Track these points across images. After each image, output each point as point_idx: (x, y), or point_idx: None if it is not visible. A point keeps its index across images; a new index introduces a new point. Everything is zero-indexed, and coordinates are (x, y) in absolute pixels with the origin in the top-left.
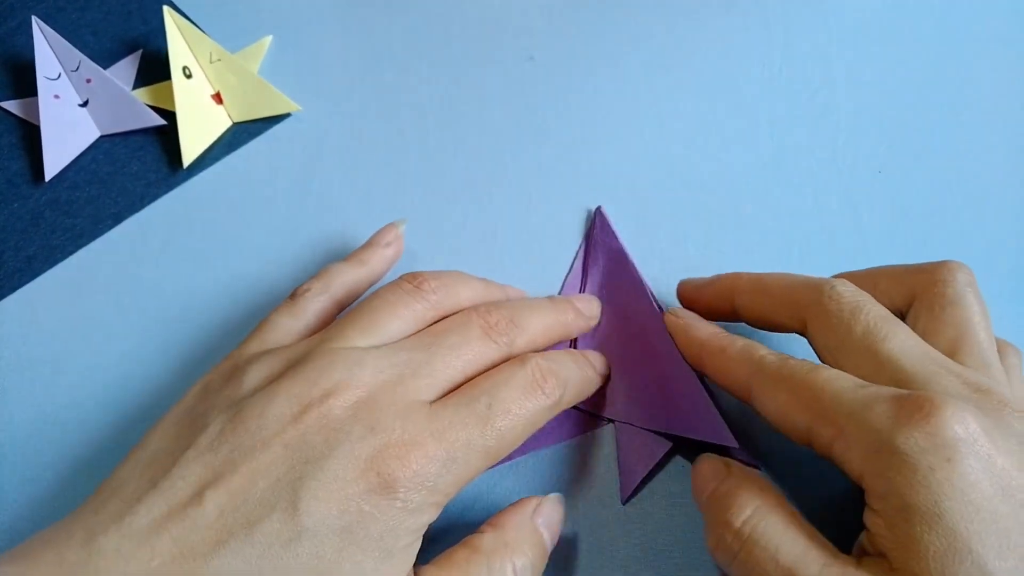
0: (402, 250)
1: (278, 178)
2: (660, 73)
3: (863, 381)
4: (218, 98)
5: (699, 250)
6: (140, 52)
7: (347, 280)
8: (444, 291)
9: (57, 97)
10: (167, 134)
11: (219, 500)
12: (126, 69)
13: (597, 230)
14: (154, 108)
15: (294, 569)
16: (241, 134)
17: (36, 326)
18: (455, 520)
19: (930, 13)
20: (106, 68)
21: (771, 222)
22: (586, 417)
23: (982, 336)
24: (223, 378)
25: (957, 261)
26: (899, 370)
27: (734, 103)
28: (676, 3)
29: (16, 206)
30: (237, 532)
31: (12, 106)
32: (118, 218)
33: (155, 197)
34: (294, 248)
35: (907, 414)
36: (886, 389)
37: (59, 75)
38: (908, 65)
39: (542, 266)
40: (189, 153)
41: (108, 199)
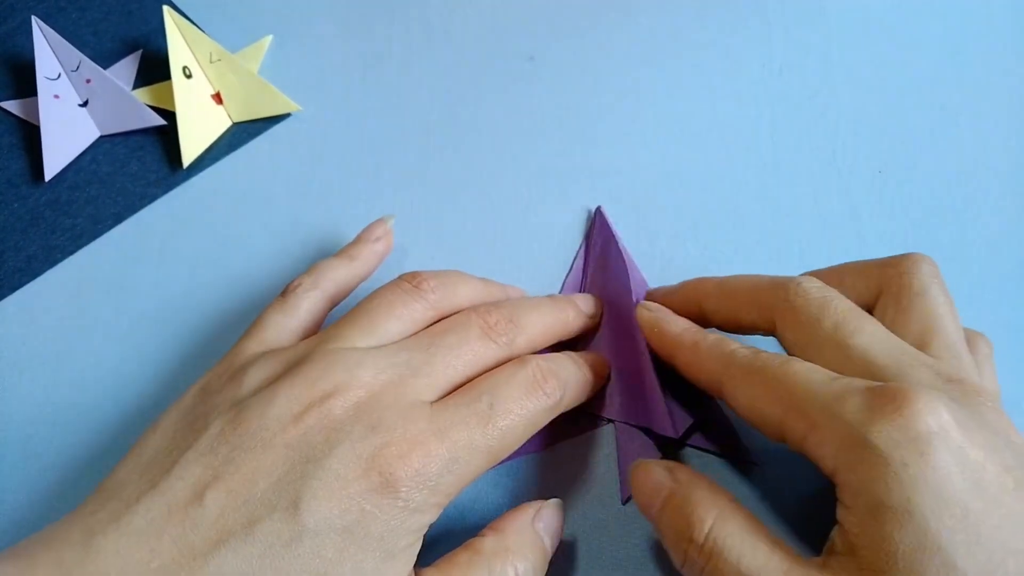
0: (392, 245)
1: (278, 178)
2: (660, 73)
3: (835, 373)
4: (218, 98)
5: (699, 250)
6: (140, 52)
7: (337, 276)
8: (443, 291)
9: (57, 97)
10: (167, 134)
11: (219, 500)
12: (126, 69)
13: (597, 230)
14: (154, 108)
15: (295, 569)
16: (241, 134)
17: (36, 326)
18: (455, 523)
19: (930, 13)
20: (106, 68)
21: (771, 222)
22: (586, 417)
23: (950, 327)
24: (222, 379)
25: (920, 253)
26: (871, 363)
27: (734, 103)
28: (676, 3)
29: (16, 206)
30: (237, 532)
31: (12, 106)
32: (118, 218)
33: (155, 197)
34: (294, 248)
35: (880, 406)
36: (859, 381)
37: (59, 75)
38: (908, 65)
39: (542, 266)
40: (189, 153)
41: (108, 199)
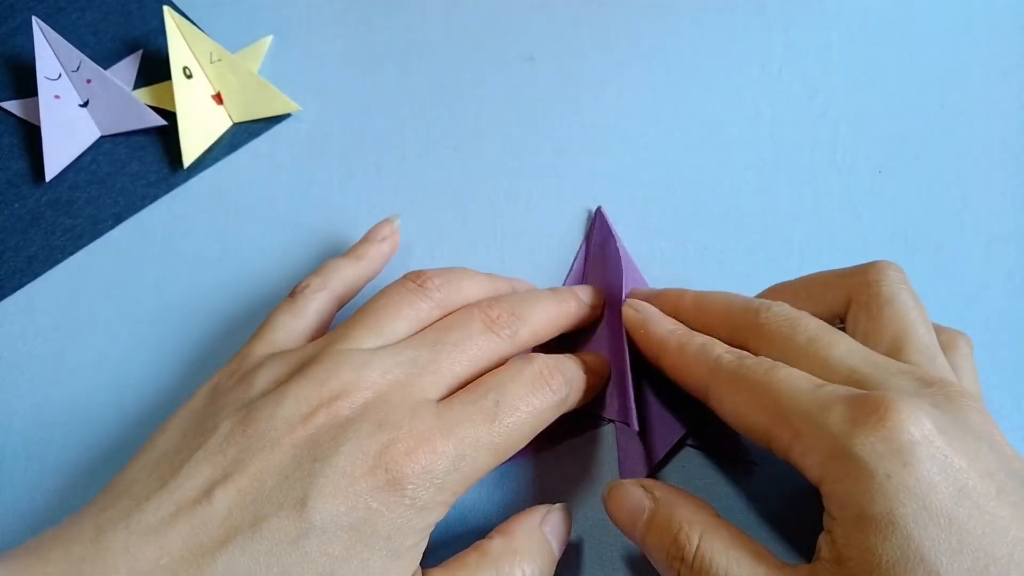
0: (398, 244)
1: (278, 178)
2: (660, 73)
3: (820, 380)
4: (218, 98)
5: (699, 250)
6: (140, 52)
7: (345, 275)
8: (448, 288)
9: (57, 97)
10: (167, 134)
11: (228, 499)
12: (126, 69)
13: (597, 230)
14: (154, 108)
15: (302, 566)
16: (241, 134)
17: (36, 326)
18: (459, 525)
19: (930, 13)
20: (106, 68)
21: (771, 222)
22: (586, 417)
23: (922, 331)
24: (232, 380)
25: (886, 261)
26: (852, 370)
27: (734, 103)
28: (676, 3)
29: (16, 206)
30: (245, 529)
31: (12, 106)
32: (118, 218)
33: (155, 197)
34: (294, 248)
35: (863, 417)
36: (842, 389)
37: (59, 75)
38: (908, 65)
39: (542, 267)
40: (189, 153)
41: (108, 199)
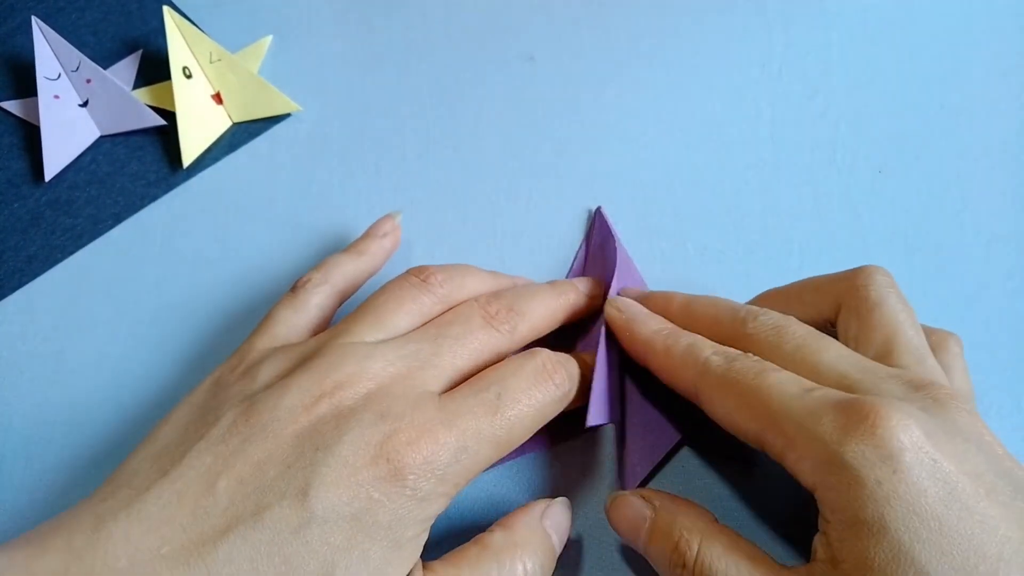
0: (399, 240)
1: (278, 178)
2: (660, 73)
3: (809, 384)
4: (218, 98)
5: (699, 250)
6: (140, 52)
7: (347, 270)
8: (451, 284)
9: (57, 97)
10: (167, 134)
11: (229, 488)
12: (126, 69)
13: (597, 230)
14: (154, 108)
15: (302, 555)
16: (241, 134)
17: (36, 326)
18: (457, 523)
19: (930, 13)
20: (106, 68)
21: (771, 222)
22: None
23: (911, 333)
24: (234, 374)
25: (874, 265)
26: (843, 375)
27: (734, 103)
28: (676, 4)
29: (16, 206)
30: (246, 518)
31: (12, 106)
32: (118, 218)
33: (155, 197)
34: (294, 248)
35: (854, 425)
36: (832, 394)
37: (59, 75)
38: (908, 65)
39: (542, 267)
40: (189, 153)
41: (108, 199)
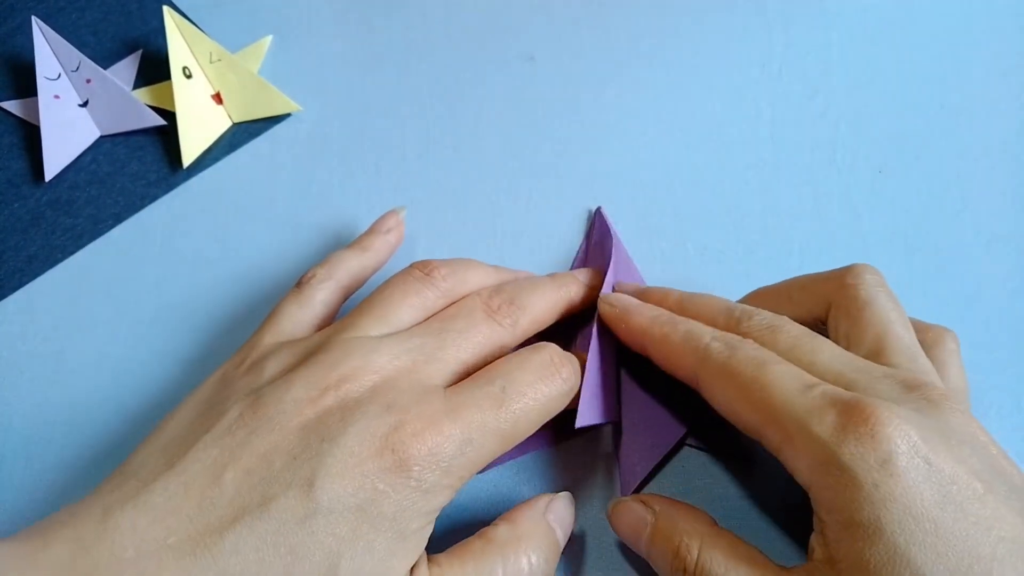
0: (403, 236)
1: (278, 178)
2: (660, 73)
3: (810, 379)
4: (218, 98)
5: (699, 250)
6: (140, 52)
7: (351, 266)
8: (454, 279)
9: (57, 97)
10: (167, 134)
11: (236, 479)
12: (126, 69)
13: (597, 230)
14: (154, 108)
15: (308, 546)
16: (241, 134)
17: (36, 326)
18: (461, 519)
19: (930, 13)
20: (106, 68)
21: (771, 222)
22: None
23: (901, 332)
24: (240, 369)
25: (863, 264)
26: (839, 376)
27: (734, 103)
28: (676, 4)
29: (16, 206)
30: (252, 509)
31: (12, 106)
32: (118, 218)
33: (155, 197)
34: (294, 248)
35: (852, 427)
36: (832, 392)
37: (59, 75)
38: (908, 65)
39: (542, 267)
40: (189, 153)
41: (108, 199)
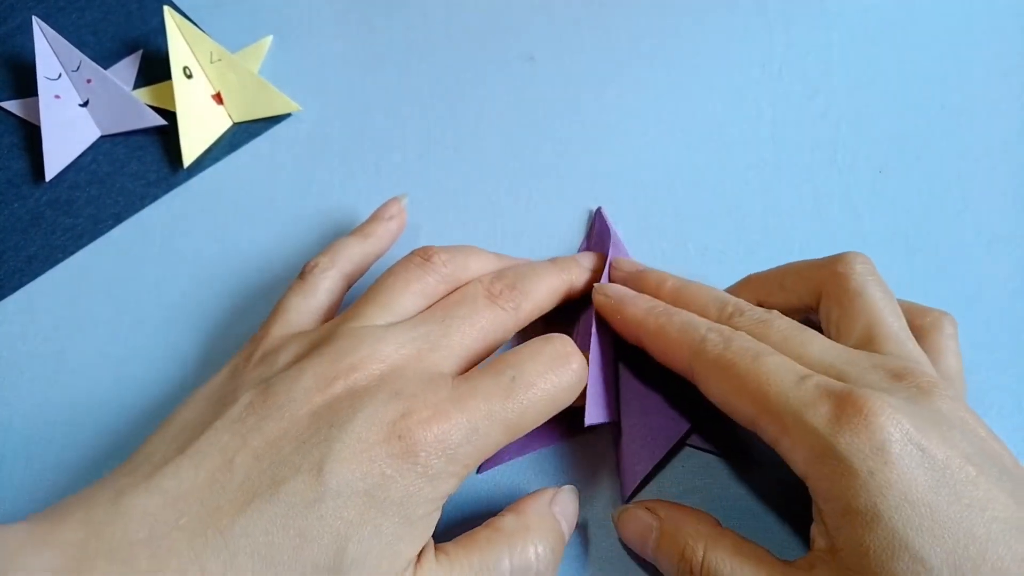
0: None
1: (278, 178)
2: (660, 73)
3: (804, 370)
4: (218, 98)
5: (699, 250)
6: (140, 52)
7: (354, 253)
8: (455, 264)
9: (57, 97)
10: (167, 134)
11: (246, 463)
12: (126, 69)
13: (597, 231)
14: (154, 108)
15: (316, 529)
16: (241, 134)
17: (36, 326)
18: (469, 513)
19: (930, 13)
20: (106, 68)
21: (771, 222)
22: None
23: (891, 320)
24: (251, 361)
25: (854, 252)
26: (830, 367)
27: (734, 103)
28: (676, 4)
29: (16, 206)
30: (262, 492)
31: (12, 106)
32: (118, 218)
33: (155, 197)
34: (294, 248)
35: (847, 417)
36: (825, 383)
37: (59, 75)
38: (908, 65)
39: None
40: (189, 153)
41: (108, 199)
